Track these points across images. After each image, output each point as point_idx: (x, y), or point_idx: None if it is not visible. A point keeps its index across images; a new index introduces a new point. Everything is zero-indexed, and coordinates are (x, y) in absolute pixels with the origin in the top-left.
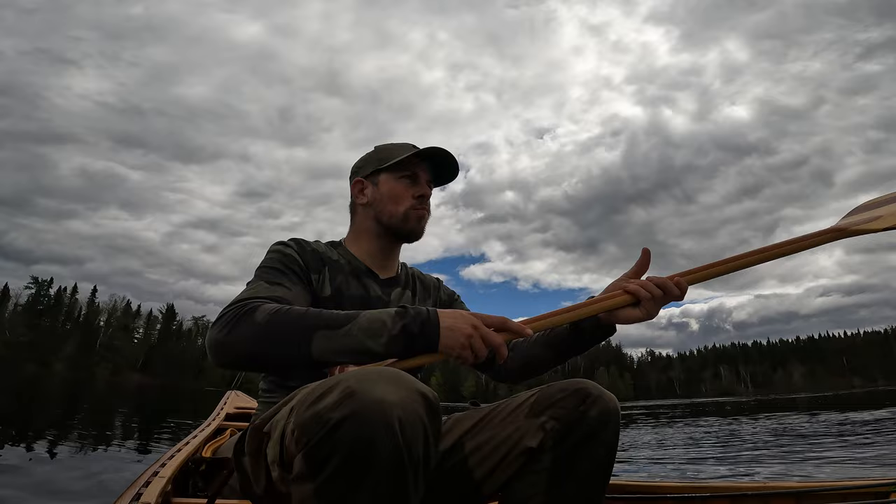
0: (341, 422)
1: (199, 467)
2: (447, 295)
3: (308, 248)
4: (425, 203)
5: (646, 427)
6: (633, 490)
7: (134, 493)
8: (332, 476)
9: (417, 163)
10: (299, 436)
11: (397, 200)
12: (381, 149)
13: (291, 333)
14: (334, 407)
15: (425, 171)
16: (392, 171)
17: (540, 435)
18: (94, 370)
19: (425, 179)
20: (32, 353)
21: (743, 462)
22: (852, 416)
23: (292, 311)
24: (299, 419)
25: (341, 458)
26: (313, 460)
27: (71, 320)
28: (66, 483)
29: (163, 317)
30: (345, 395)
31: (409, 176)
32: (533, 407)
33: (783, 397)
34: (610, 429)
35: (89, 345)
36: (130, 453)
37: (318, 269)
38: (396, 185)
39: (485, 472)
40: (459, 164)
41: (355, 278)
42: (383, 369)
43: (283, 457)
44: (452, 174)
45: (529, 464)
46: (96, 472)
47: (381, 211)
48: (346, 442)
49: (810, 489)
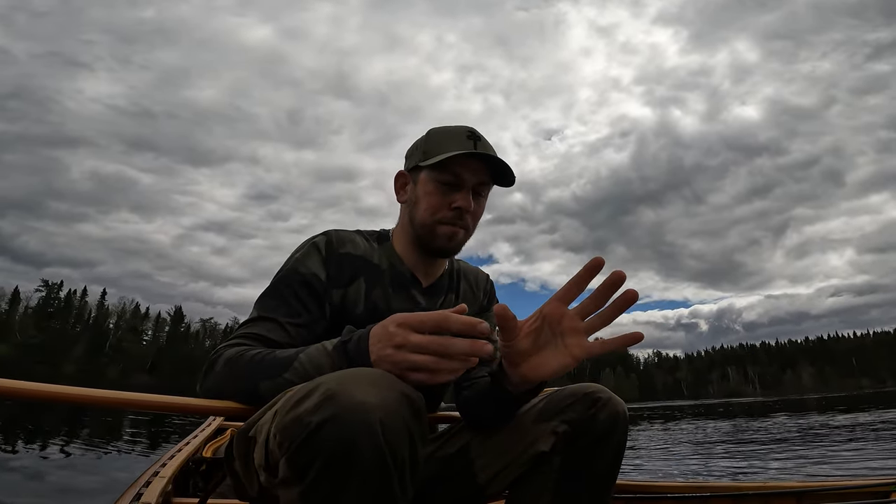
0: (321, 425)
1: (200, 467)
2: (486, 294)
3: (341, 251)
4: (463, 217)
5: (650, 429)
6: (633, 490)
7: (134, 493)
8: (315, 480)
9: (465, 163)
10: (281, 440)
11: (431, 208)
12: (433, 136)
13: (239, 383)
14: (314, 410)
15: (476, 173)
16: (433, 171)
17: (552, 439)
18: (103, 372)
19: (472, 185)
20: (42, 355)
21: (744, 461)
22: (860, 418)
23: (241, 360)
24: (280, 423)
25: (323, 462)
26: (296, 465)
27: (81, 322)
28: (69, 483)
29: (171, 319)
30: (325, 399)
31: (451, 181)
32: (542, 412)
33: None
34: (618, 431)
35: (99, 347)
36: (135, 453)
37: (348, 282)
38: (434, 190)
39: (490, 475)
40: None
41: (398, 288)
42: (366, 371)
43: (268, 461)
44: (510, 179)
45: (538, 466)
46: (100, 472)
47: (414, 216)
48: (327, 446)
49: (811, 489)
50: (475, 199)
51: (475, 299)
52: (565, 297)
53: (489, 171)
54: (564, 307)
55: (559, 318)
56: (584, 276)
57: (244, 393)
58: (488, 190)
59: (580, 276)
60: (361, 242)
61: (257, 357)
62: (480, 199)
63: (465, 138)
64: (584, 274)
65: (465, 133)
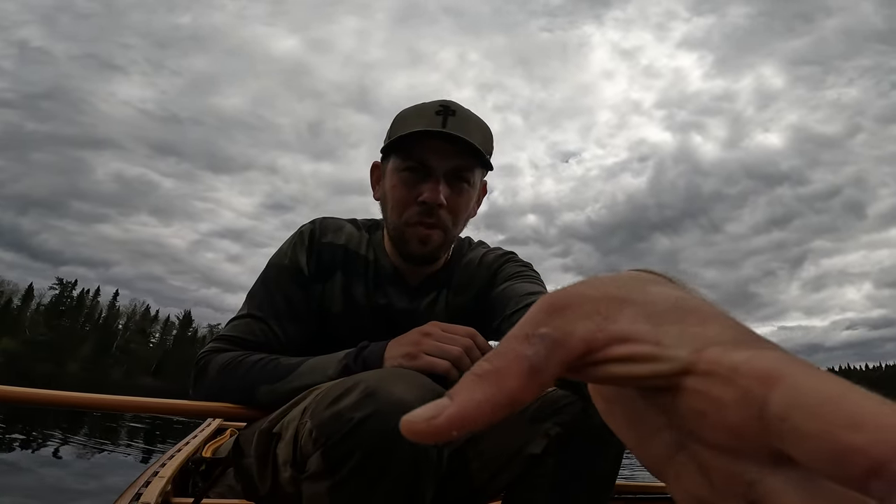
0: (363, 420)
1: (199, 467)
2: (491, 274)
3: (323, 241)
4: (433, 214)
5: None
6: (633, 490)
7: (134, 493)
8: (349, 474)
9: (432, 145)
10: (318, 435)
11: (397, 206)
12: (400, 115)
13: (236, 389)
14: (355, 406)
15: (448, 157)
16: (397, 158)
17: (544, 442)
18: (108, 372)
19: (443, 171)
20: (50, 353)
21: None
22: None
23: (242, 364)
24: (318, 419)
25: (362, 456)
26: (332, 459)
27: (91, 322)
28: (69, 483)
29: (179, 323)
30: (365, 395)
31: (416, 165)
32: (536, 413)
33: None
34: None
35: (106, 347)
36: (135, 453)
37: (326, 276)
38: (398, 181)
39: (486, 477)
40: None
41: (379, 284)
42: (399, 370)
43: (295, 456)
44: (486, 160)
45: (532, 468)
46: (100, 472)
47: (385, 216)
48: (368, 440)
49: None
50: (452, 188)
51: (470, 288)
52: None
53: (471, 154)
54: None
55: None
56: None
57: (242, 397)
58: (474, 176)
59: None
60: (349, 230)
61: (260, 363)
62: (462, 188)
63: (433, 115)
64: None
65: (434, 108)
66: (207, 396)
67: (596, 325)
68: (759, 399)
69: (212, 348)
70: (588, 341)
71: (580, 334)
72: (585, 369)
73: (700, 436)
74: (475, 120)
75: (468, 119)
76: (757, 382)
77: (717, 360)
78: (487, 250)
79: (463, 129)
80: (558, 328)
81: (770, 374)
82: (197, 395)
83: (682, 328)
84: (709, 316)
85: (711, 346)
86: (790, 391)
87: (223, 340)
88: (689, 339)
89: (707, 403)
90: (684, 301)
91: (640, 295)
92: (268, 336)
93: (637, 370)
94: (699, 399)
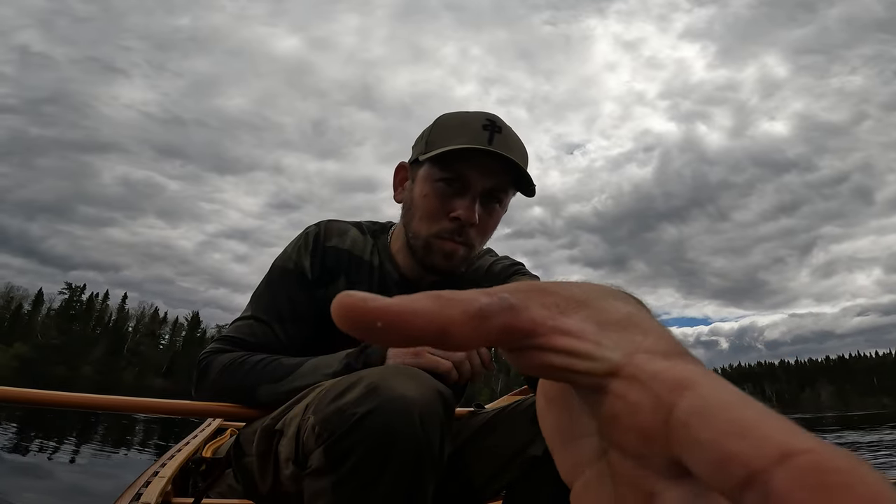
0: (366, 416)
1: (199, 467)
2: (499, 283)
3: (327, 244)
4: (463, 232)
5: None
6: None
7: (134, 493)
8: (351, 470)
9: (475, 162)
10: (321, 430)
11: (427, 217)
12: (441, 122)
13: (238, 389)
14: (358, 402)
15: (488, 175)
16: (434, 167)
17: (545, 443)
18: (120, 374)
19: (480, 190)
20: (62, 357)
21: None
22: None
23: (243, 365)
24: (321, 414)
25: (364, 451)
26: (334, 454)
27: (101, 325)
28: (73, 483)
29: (188, 324)
30: (368, 391)
31: (454, 178)
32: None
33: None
34: None
35: (117, 349)
36: (143, 453)
37: (329, 280)
38: (432, 192)
39: (486, 477)
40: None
41: (384, 291)
42: (403, 367)
43: (298, 453)
44: (530, 187)
45: (533, 468)
46: (106, 472)
47: (409, 223)
48: (370, 436)
49: None
50: (485, 207)
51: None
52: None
53: (509, 174)
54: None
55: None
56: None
57: (243, 397)
58: (507, 197)
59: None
60: (354, 235)
61: (261, 363)
62: (493, 208)
63: (479, 129)
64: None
65: (481, 121)
66: (209, 397)
67: (550, 313)
68: (668, 405)
69: (213, 349)
70: (537, 323)
71: (532, 314)
72: (529, 352)
73: (614, 439)
74: (517, 139)
75: (512, 138)
76: (669, 389)
77: (641, 366)
78: (496, 259)
79: (508, 147)
80: (519, 300)
81: (683, 383)
82: (199, 396)
83: (623, 335)
84: (651, 329)
85: (642, 353)
86: (696, 399)
87: (225, 341)
88: (625, 345)
89: (624, 406)
90: (634, 315)
91: (598, 303)
92: (269, 338)
93: (573, 364)
94: (618, 402)
